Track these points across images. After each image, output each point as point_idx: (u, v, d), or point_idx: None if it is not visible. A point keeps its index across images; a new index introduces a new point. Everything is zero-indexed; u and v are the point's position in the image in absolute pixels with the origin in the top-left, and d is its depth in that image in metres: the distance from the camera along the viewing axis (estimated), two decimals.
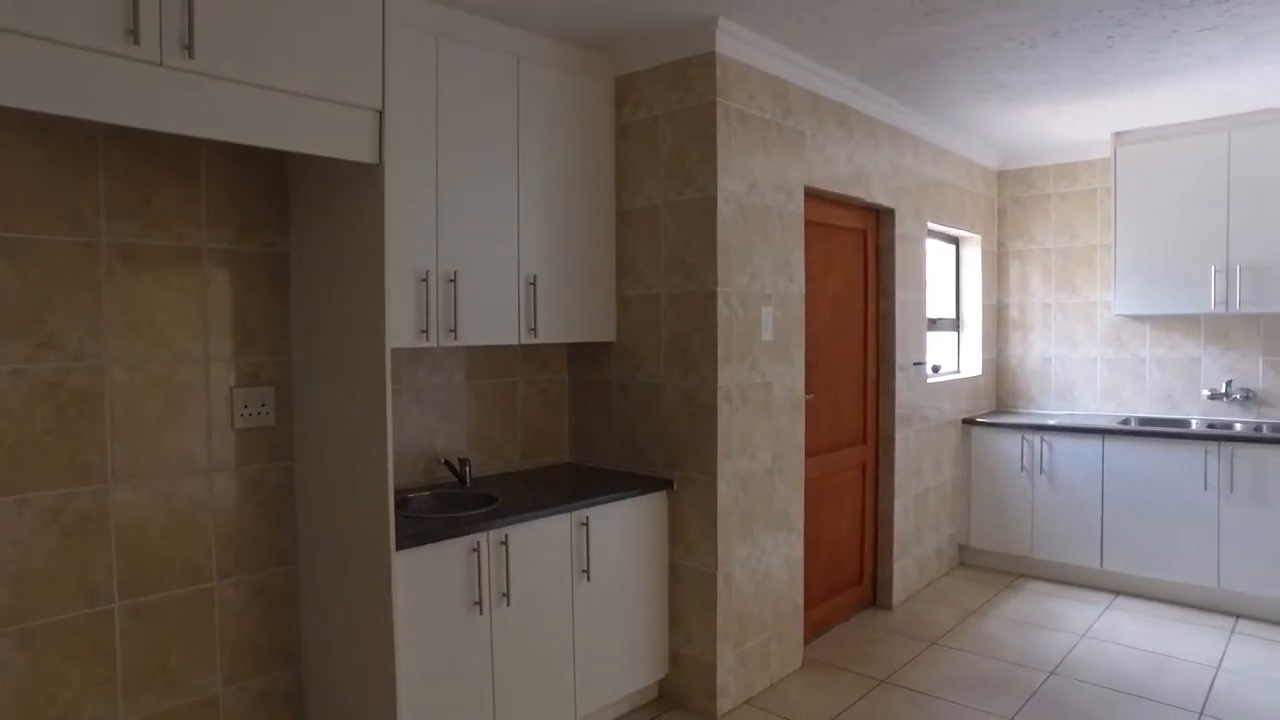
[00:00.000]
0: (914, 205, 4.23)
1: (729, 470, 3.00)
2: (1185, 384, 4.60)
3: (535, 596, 2.62)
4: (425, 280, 2.59)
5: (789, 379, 3.30)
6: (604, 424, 3.31)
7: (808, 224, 3.51)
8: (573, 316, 3.07)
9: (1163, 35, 3.04)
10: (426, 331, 2.59)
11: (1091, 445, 4.37)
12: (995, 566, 4.77)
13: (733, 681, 3.05)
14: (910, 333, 4.23)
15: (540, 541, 2.63)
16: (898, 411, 4.11)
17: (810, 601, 3.62)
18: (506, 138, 2.83)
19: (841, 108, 3.61)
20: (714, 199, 2.92)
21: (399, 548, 2.22)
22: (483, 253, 2.76)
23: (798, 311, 3.35)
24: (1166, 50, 3.20)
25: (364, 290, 2.23)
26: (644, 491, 2.96)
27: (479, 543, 2.45)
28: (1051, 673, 3.33)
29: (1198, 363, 4.55)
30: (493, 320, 2.80)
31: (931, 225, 4.48)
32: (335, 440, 2.38)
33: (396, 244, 2.47)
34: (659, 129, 3.08)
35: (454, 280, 2.66)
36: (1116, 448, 4.30)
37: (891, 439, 4.10)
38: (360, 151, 2.12)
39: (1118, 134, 4.49)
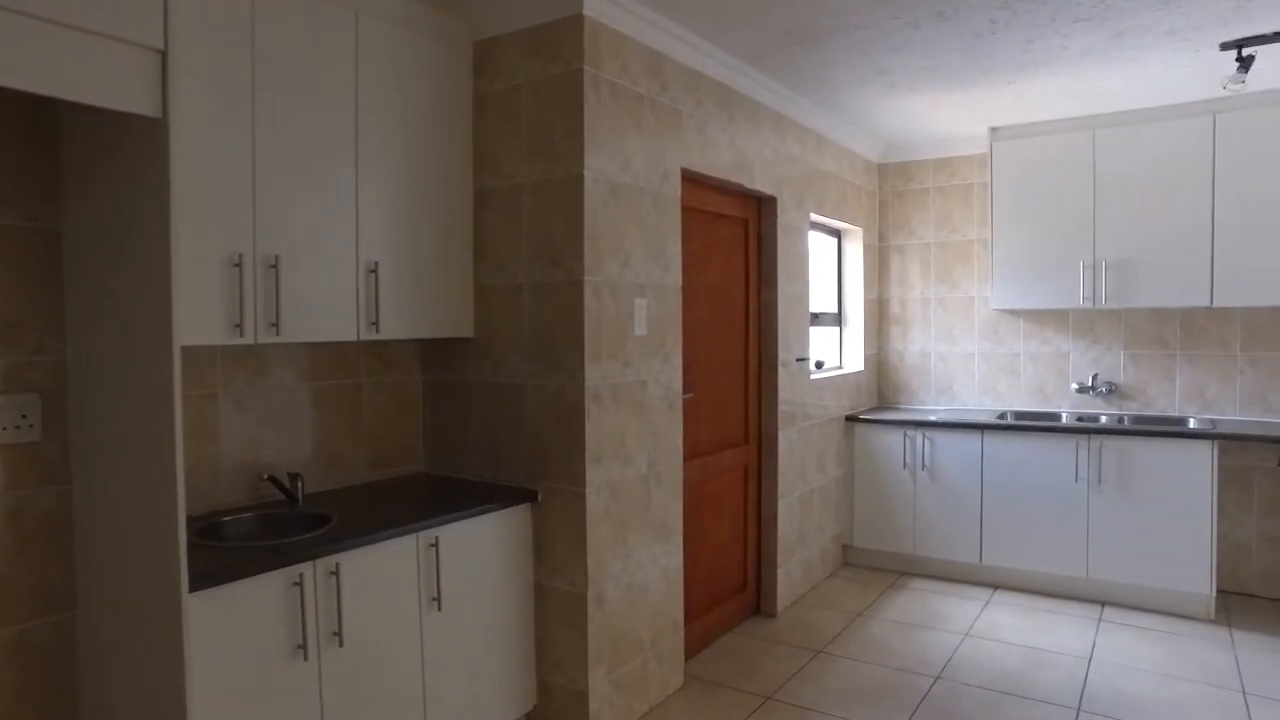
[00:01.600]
0: (797, 195, 4.08)
1: (599, 478, 2.72)
2: (1056, 378, 4.67)
3: (375, 633, 2.26)
4: (239, 265, 2.18)
5: (665, 376, 3.06)
6: (462, 429, 2.97)
7: (685, 210, 3.28)
8: (423, 309, 2.72)
9: (1041, 24, 2.98)
10: (240, 326, 2.19)
11: (971, 441, 4.36)
12: (879, 565, 4.71)
13: (607, 709, 2.78)
14: (793, 327, 4.08)
15: (380, 568, 2.27)
16: (780, 409, 3.95)
17: (691, 615, 3.40)
18: (343, 104, 2.45)
19: (722, 87, 3.39)
20: (581, 178, 2.63)
21: (198, 586, 1.83)
22: (312, 235, 2.37)
23: (674, 304, 3.10)
24: (1044, 41, 3.16)
25: (151, 276, 1.82)
26: (504, 505, 2.64)
27: (302, 574, 2.07)
28: (937, 677, 3.23)
29: (1067, 357, 4.63)
30: (325, 313, 2.41)
31: (814, 216, 4.35)
32: (119, 458, 1.95)
33: (200, 220, 2.07)
34: (521, 100, 2.76)
35: (275, 266, 2.26)
36: (994, 443, 4.30)
37: (774, 438, 3.94)
38: (134, 101, 1.71)
39: (994, 129, 4.50)
